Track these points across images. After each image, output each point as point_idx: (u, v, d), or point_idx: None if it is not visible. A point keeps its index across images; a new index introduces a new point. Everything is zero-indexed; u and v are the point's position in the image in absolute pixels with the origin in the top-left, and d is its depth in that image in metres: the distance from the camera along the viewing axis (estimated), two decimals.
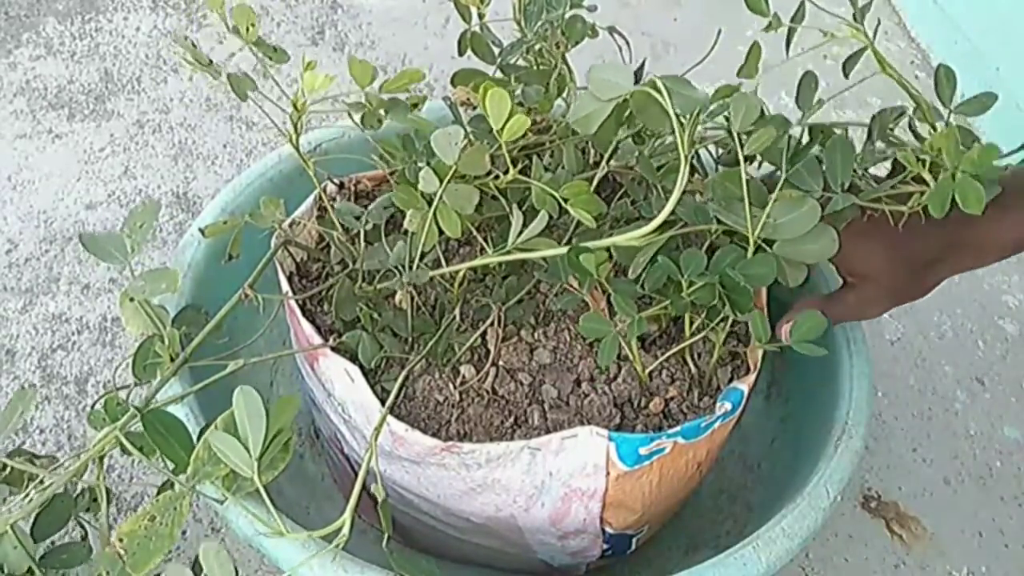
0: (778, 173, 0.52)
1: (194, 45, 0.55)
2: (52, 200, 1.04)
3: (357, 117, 0.60)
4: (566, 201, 0.53)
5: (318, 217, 0.66)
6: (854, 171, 0.53)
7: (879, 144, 0.55)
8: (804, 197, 0.51)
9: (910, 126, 0.56)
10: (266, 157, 0.76)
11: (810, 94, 0.54)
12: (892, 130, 0.55)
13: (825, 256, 0.52)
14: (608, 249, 0.54)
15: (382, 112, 0.59)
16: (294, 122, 0.57)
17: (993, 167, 0.50)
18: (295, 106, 0.55)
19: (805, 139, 0.55)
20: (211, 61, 0.56)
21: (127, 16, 1.28)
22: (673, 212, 0.50)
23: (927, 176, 0.49)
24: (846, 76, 0.57)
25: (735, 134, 0.50)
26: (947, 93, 0.53)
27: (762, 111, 0.50)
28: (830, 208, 0.52)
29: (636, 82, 0.48)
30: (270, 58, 0.56)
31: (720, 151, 0.63)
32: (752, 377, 0.58)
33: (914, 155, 0.50)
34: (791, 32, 0.56)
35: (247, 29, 0.54)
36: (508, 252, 0.54)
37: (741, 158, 0.51)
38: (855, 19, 0.54)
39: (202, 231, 0.63)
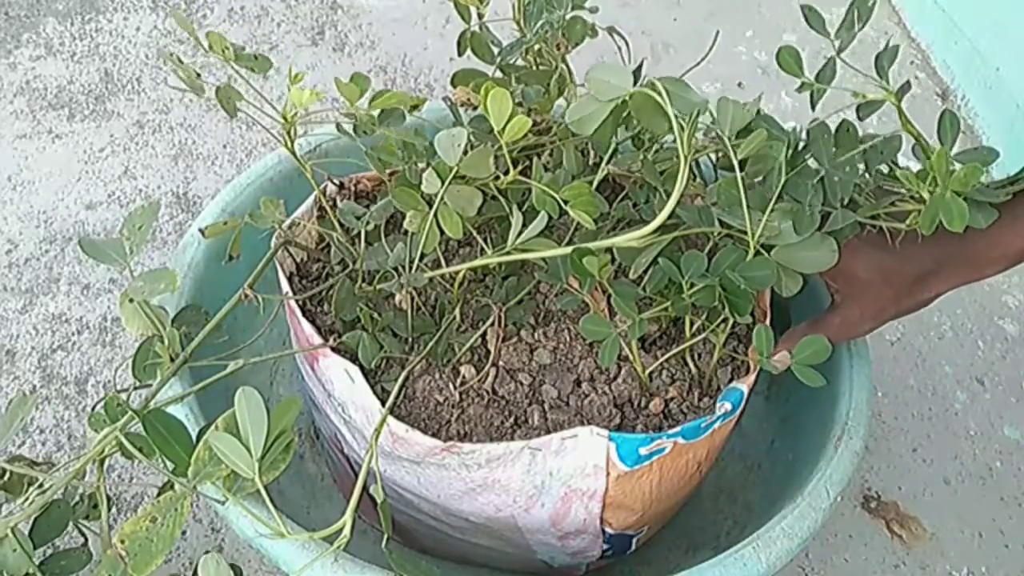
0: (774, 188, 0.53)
1: (180, 60, 0.55)
2: (52, 200, 1.04)
3: (350, 127, 0.60)
4: (566, 203, 0.53)
5: (318, 217, 0.66)
6: (857, 186, 0.53)
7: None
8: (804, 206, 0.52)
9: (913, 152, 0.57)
10: (266, 157, 0.76)
11: (827, 145, 0.55)
12: (888, 166, 0.56)
13: (824, 266, 0.52)
14: (610, 251, 0.54)
15: (374, 122, 0.59)
16: (286, 131, 0.57)
17: (992, 191, 0.50)
18: (284, 118, 0.55)
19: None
20: (199, 75, 0.56)
21: (127, 16, 1.28)
22: (675, 215, 0.50)
23: (926, 195, 0.50)
24: (860, 120, 0.57)
25: (725, 139, 0.50)
26: (948, 139, 0.55)
27: (759, 112, 0.51)
28: (830, 225, 0.52)
29: (635, 82, 0.48)
30: (252, 69, 0.56)
31: (719, 156, 0.63)
32: (752, 377, 0.58)
33: (914, 175, 0.51)
34: (816, 93, 0.57)
35: (223, 51, 0.54)
36: (508, 253, 0.54)
37: (735, 162, 0.51)
38: (879, 74, 0.55)
39: (202, 231, 0.63)
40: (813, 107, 0.57)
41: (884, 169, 0.56)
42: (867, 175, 0.55)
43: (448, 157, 0.53)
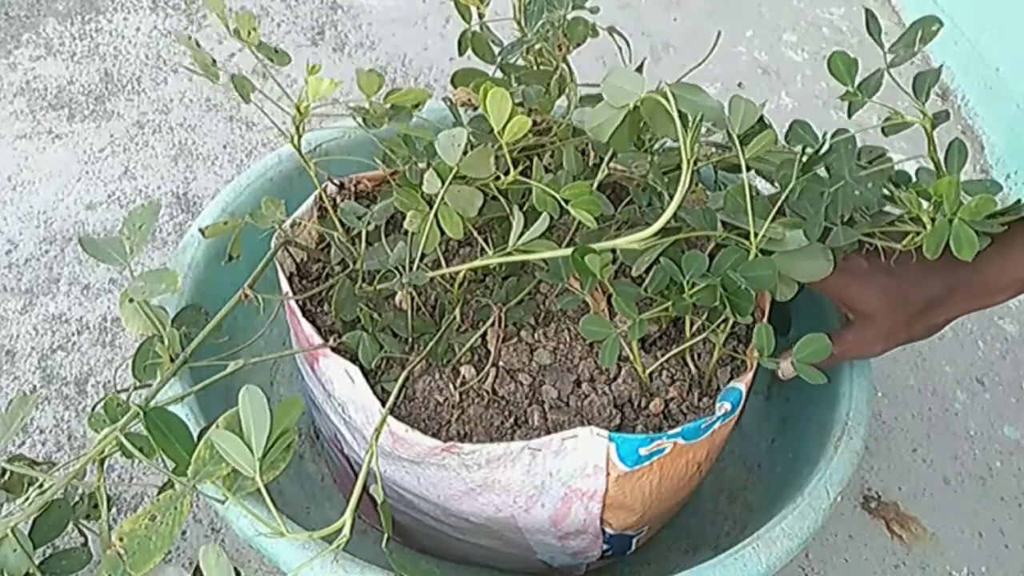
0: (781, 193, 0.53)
1: (198, 44, 0.55)
2: (52, 200, 1.04)
3: (360, 118, 0.60)
4: (567, 202, 0.53)
5: (318, 217, 0.66)
6: (860, 209, 0.54)
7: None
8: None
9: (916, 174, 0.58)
10: (266, 157, 0.76)
11: (849, 158, 0.55)
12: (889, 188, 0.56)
13: (818, 276, 0.53)
14: (612, 251, 0.54)
15: (385, 115, 0.59)
16: (296, 124, 0.57)
17: (990, 222, 0.51)
18: (298, 109, 0.55)
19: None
20: (214, 61, 0.56)
21: (127, 16, 1.28)
22: (678, 217, 0.51)
23: (925, 219, 0.51)
24: (885, 135, 0.58)
25: (735, 138, 0.51)
26: (956, 166, 0.56)
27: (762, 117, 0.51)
28: (831, 241, 0.52)
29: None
30: (272, 60, 0.56)
31: (720, 160, 0.63)
32: (749, 375, 0.58)
33: (916, 195, 0.51)
34: (855, 106, 0.57)
35: (249, 33, 0.54)
36: (509, 254, 0.54)
37: (743, 162, 0.51)
38: (916, 94, 0.56)
39: (202, 231, 0.63)
40: (850, 116, 0.57)
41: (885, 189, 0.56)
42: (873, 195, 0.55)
43: (448, 157, 0.53)
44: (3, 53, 1.21)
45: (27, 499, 0.52)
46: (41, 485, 0.52)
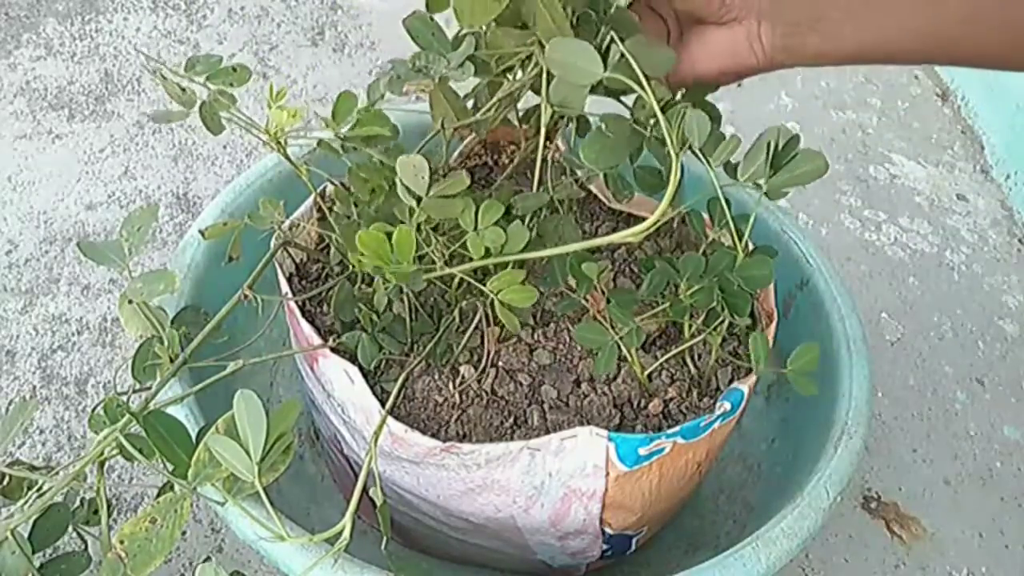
0: None
1: (164, 76, 0.55)
2: (52, 201, 1.04)
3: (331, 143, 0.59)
4: (497, 293, 0.51)
5: (318, 219, 0.66)
6: None
7: None
8: None
9: None
10: (266, 158, 0.76)
11: None
12: None
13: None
14: (612, 254, 0.53)
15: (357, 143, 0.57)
16: (276, 140, 0.56)
17: None
18: (268, 132, 0.55)
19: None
20: (184, 89, 0.55)
21: (127, 17, 1.28)
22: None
23: None
24: None
25: (698, 151, 0.49)
26: None
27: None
28: None
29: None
30: (232, 84, 0.56)
31: None
32: (753, 378, 0.58)
33: None
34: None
35: (196, 75, 0.54)
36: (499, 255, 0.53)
37: (714, 177, 0.49)
38: None
39: (202, 233, 0.63)
40: None
41: None
42: None
43: (416, 187, 0.51)
44: (3, 53, 1.21)
45: (26, 502, 0.52)
46: (40, 488, 0.52)
